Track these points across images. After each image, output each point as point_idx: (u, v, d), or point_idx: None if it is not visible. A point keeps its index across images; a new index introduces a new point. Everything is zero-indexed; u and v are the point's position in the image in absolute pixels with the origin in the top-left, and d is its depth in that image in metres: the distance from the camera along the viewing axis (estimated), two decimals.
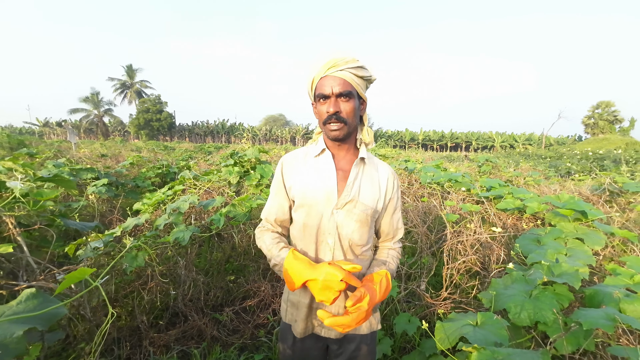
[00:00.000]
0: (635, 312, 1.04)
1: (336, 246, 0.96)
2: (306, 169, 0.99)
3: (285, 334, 1.07)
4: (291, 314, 1.04)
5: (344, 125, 0.92)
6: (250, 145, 4.26)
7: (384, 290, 0.90)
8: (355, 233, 0.95)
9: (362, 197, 0.95)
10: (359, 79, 0.91)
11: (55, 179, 1.18)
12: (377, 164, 1.03)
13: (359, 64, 0.89)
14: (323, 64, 0.89)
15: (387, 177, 1.01)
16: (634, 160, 9.11)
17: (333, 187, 0.95)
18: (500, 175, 5.29)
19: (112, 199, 4.12)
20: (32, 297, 0.70)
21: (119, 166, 5.53)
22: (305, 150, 1.04)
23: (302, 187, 0.98)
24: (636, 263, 1.54)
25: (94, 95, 40.35)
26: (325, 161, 0.98)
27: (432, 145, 49.93)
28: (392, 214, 1.04)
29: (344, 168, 0.98)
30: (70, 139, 12.49)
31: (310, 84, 0.95)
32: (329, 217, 0.94)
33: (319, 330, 1.02)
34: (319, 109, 0.94)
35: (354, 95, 0.91)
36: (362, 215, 0.95)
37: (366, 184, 0.97)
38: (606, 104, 33.57)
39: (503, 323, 1.08)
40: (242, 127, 53.13)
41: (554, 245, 1.67)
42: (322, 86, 0.91)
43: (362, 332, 1.02)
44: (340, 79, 0.89)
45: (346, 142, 0.98)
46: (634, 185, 3.08)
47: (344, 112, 0.91)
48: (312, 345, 1.04)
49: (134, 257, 1.86)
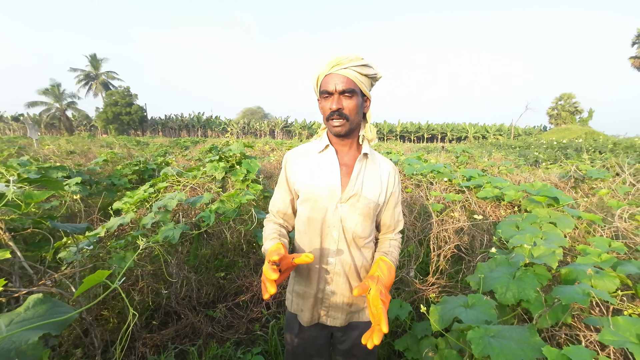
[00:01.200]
0: (605, 286, 1.16)
1: (340, 238, 0.99)
2: (310, 165, 1.02)
3: (292, 323, 1.10)
4: (297, 304, 1.07)
5: (346, 121, 0.94)
6: (234, 139, 4.18)
7: (387, 272, 0.92)
8: (358, 226, 0.99)
9: (365, 191, 0.99)
10: (362, 77, 0.93)
11: (43, 180, 1.11)
12: (379, 159, 1.07)
13: (363, 62, 0.92)
14: (327, 62, 0.92)
15: (389, 172, 1.05)
16: (592, 148, 9.87)
17: (337, 182, 0.98)
18: (476, 165, 5.55)
19: (87, 198, 3.91)
20: (40, 302, 0.68)
21: (91, 163, 5.23)
22: (309, 146, 1.07)
23: (306, 182, 1.00)
24: (601, 243, 1.70)
25: (54, 87, 37.43)
26: (329, 157, 1.01)
27: (410, 137, 51.14)
28: (393, 207, 1.08)
29: (347, 163, 1.01)
30: (30, 134, 11.55)
31: (316, 81, 0.97)
32: (333, 211, 0.98)
33: (325, 320, 1.06)
34: (323, 105, 0.96)
35: (356, 92, 0.93)
36: (365, 209, 0.99)
37: (369, 179, 1.01)
38: (568, 95, 35.87)
39: (492, 303, 1.17)
40: (219, 121, 51.58)
41: (531, 230, 1.81)
42: (326, 83, 0.93)
43: (366, 319, 1.07)
44: (343, 77, 0.91)
45: (349, 138, 1.01)
46: (595, 172, 3.36)
47: (346, 109, 0.93)
48: (318, 333, 1.08)
49: (121, 257, 1.80)
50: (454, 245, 2.05)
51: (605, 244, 1.69)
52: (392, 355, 1.82)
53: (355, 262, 1.01)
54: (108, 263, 1.72)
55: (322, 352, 1.10)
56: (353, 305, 1.04)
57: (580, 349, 0.85)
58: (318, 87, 0.98)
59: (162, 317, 2.03)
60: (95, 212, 2.87)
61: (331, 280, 1.01)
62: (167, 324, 2.01)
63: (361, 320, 1.07)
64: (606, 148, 9.58)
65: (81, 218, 2.71)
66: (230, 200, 2.47)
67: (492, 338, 0.96)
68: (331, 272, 1.01)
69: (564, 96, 36.00)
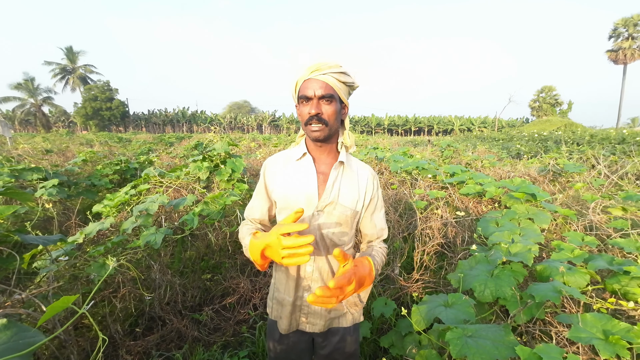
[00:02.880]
0: (576, 283, 1.22)
1: (318, 246, 1.00)
2: (288, 173, 1.02)
3: (272, 330, 1.11)
4: (276, 311, 1.08)
5: (325, 126, 0.94)
6: (218, 137, 4.09)
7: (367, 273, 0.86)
8: (336, 234, 1.00)
9: (341, 199, 0.99)
10: (341, 84, 0.94)
11: (8, 192, 1.05)
12: (357, 166, 1.07)
13: (342, 70, 0.92)
14: (307, 67, 0.92)
15: (367, 178, 1.05)
16: (571, 140, 10.23)
17: (314, 190, 0.97)
18: (461, 159, 5.66)
19: (65, 201, 3.77)
20: (4, 328, 0.65)
21: (69, 164, 5.03)
22: (287, 154, 1.06)
23: (284, 190, 1.00)
24: (575, 237, 1.78)
25: (27, 81, 35.61)
26: (306, 165, 1.01)
27: (397, 130, 51.58)
28: (372, 213, 1.07)
29: (325, 171, 1.01)
30: (3, 132, 10.96)
31: (295, 86, 0.97)
32: (310, 219, 0.98)
33: (304, 326, 1.06)
34: (301, 110, 0.96)
35: (335, 98, 0.94)
36: (341, 217, 0.99)
37: (345, 186, 1.01)
38: (549, 88, 36.87)
39: (470, 302, 1.21)
40: (205, 115, 50.49)
41: (510, 226, 1.86)
42: (305, 88, 0.93)
43: (346, 324, 1.09)
44: (322, 82, 0.91)
45: (327, 144, 1.01)
46: (572, 166, 3.49)
47: (325, 114, 0.93)
48: (298, 339, 1.09)
49: (101, 265, 1.75)
50: (437, 242, 2.09)
51: (578, 238, 1.77)
52: (378, 351, 1.85)
53: (333, 270, 1.02)
54: (86, 271, 1.67)
55: (304, 357, 1.11)
56: (332, 311, 1.05)
57: (550, 347, 0.89)
58: (297, 92, 0.97)
59: (146, 323, 2.00)
60: (74, 215, 2.77)
61: (309, 287, 1.02)
62: (151, 330, 1.98)
63: (341, 325, 1.08)
64: (584, 140, 9.94)
65: (57, 223, 2.61)
66: (214, 202, 2.43)
67: (469, 338, 0.99)
68: (309, 280, 1.01)
69: (545, 89, 37.01)
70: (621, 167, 4.12)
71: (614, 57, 33.42)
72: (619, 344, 0.87)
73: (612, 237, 1.91)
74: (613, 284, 1.23)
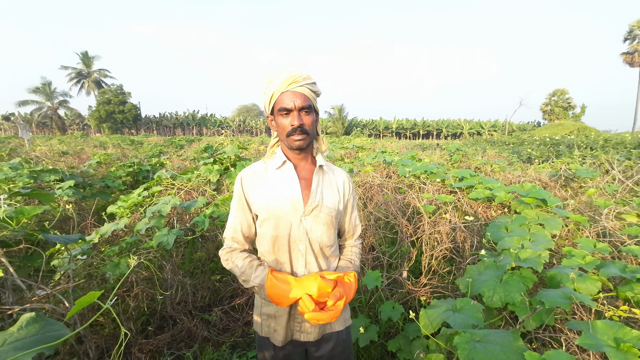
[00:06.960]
0: (587, 289, 1.21)
1: (308, 251, 1.02)
2: (269, 183, 1.03)
3: (264, 347, 1.09)
4: (268, 326, 1.06)
5: (307, 136, 0.99)
6: (229, 140, 4.17)
7: (353, 291, 0.99)
8: (324, 236, 1.03)
9: (325, 201, 1.03)
10: (313, 94, 1.00)
11: (34, 194, 1.11)
12: (333, 169, 1.13)
13: (313, 81, 0.99)
14: (283, 79, 0.95)
15: (344, 181, 1.11)
16: (584, 145, 10.01)
17: (298, 196, 1.00)
18: (470, 163, 5.61)
19: (80, 202, 3.88)
20: (33, 321, 0.69)
21: (84, 166, 5.19)
22: (264, 164, 1.08)
23: (267, 200, 1.00)
24: (587, 244, 1.75)
25: (45, 85, 36.84)
26: (287, 172, 1.03)
27: (405, 134, 51.29)
28: (350, 212, 1.14)
29: (306, 177, 1.05)
30: (22, 134, 11.38)
31: (270, 98, 0.99)
32: (298, 225, 1.00)
33: (298, 336, 1.06)
34: (281, 122, 0.98)
35: (312, 108, 0.99)
36: (327, 218, 1.03)
37: (327, 189, 1.05)
38: (561, 91, 36.14)
39: (479, 307, 1.21)
40: (214, 118, 51.26)
41: (520, 232, 1.85)
42: (284, 100, 0.96)
43: (338, 329, 1.10)
44: (301, 94, 0.96)
45: (306, 151, 1.05)
46: (584, 171, 3.42)
47: (306, 125, 0.98)
48: (292, 351, 1.08)
49: (115, 264, 1.81)
50: (445, 247, 2.09)
51: (590, 244, 1.74)
52: (385, 355, 1.85)
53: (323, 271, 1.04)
54: (102, 270, 1.73)
55: None
56: None
57: (560, 354, 0.88)
58: (271, 104, 0.99)
59: (157, 322, 2.05)
60: (90, 215, 2.86)
61: None
62: (163, 329, 2.02)
63: (334, 330, 1.09)
64: (597, 144, 9.71)
65: (74, 222, 2.70)
66: (224, 204, 2.48)
67: (478, 343, 0.99)
68: None
69: (557, 92, 36.29)
70: (637, 172, 4.02)
71: (629, 60, 32.61)
72: (631, 352, 0.87)
73: (626, 244, 1.87)
74: (626, 291, 1.21)
